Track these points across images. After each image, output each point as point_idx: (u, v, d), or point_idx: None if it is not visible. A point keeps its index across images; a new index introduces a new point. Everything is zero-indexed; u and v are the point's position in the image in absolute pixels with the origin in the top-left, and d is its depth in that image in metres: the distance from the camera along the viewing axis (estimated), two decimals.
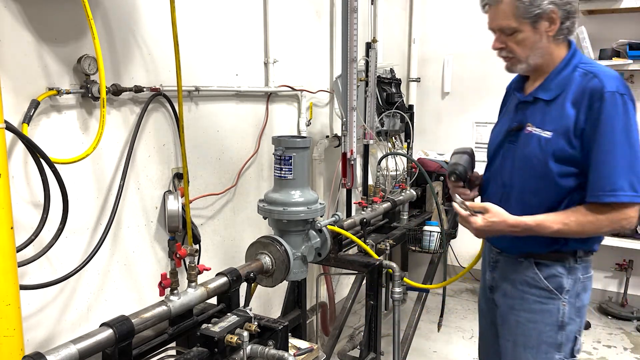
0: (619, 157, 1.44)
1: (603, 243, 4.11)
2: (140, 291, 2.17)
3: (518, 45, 1.54)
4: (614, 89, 1.44)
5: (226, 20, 2.51)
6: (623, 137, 1.43)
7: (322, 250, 1.87)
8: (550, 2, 1.47)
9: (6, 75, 1.61)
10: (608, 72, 1.50)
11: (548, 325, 1.59)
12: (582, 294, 1.62)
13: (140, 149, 2.11)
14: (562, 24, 1.51)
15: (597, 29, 3.81)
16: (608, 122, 1.43)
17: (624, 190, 1.43)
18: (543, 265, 1.60)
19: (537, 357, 1.61)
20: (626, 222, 1.47)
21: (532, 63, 1.57)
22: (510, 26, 1.52)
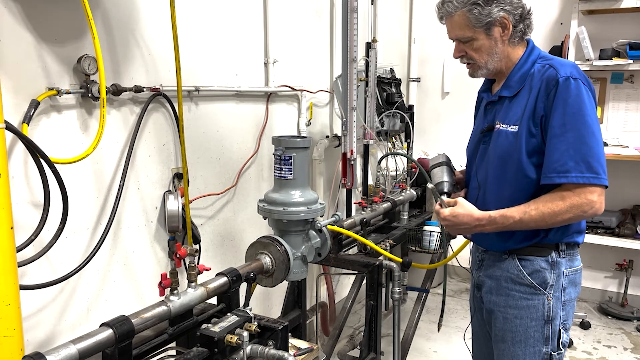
0: (570, 138, 1.46)
1: (603, 243, 4.13)
2: (140, 291, 2.17)
3: (476, 52, 1.62)
4: (567, 74, 1.49)
5: (226, 20, 2.51)
6: (576, 119, 1.46)
7: (322, 250, 1.87)
8: (500, 9, 1.56)
9: (6, 75, 1.61)
10: (563, 61, 1.56)
11: (534, 320, 1.61)
12: (569, 288, 1.62)
13: (140, 149, 2.11)
14: (515, 28, 1.60)
15: (597, 29, 3.81)
16: (560, 105, 1.48)
17: (575, 172, 1.44)
18: (526, 261, 1.62)
19: (525, 351, 1.63)
20: (587, 206, 1.46)
21: (491, 67, 1.64)
22: (465, 35, 1.61)
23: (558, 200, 1.47)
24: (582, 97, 1.47)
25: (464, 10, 1.57)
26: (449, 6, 1.60)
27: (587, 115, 1.46)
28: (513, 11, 1.57)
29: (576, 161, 1.44)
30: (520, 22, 1.60)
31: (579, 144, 1.45)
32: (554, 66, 1.53)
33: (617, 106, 3.92)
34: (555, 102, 1.48)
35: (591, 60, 3.70)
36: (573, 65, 1.54)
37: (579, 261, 1.65)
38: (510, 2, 1.57)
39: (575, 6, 3.69)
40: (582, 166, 1.44)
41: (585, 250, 4.06)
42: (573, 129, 1.46)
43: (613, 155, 3.60)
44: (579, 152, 1.45)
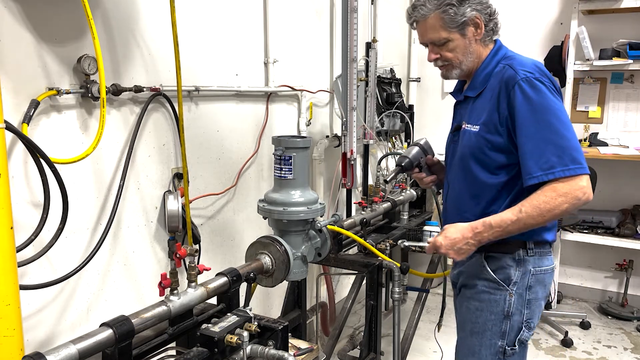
0: (547, 135, 1.47)
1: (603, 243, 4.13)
2: (140, 291, 2.17)
3: (452, 52, 1.64)
4: (526, 74, 1.51)
5: (226, 20, 2.51)
6: (546, 116, 1.48)
7: (322, 250, 1.87)
8: (473, 9, 1.59)
9: (6, 75, 1.61)
10: (523, 61, 1.58)
11: (493, 314, 1.64)
12: (535, 287, 1.63)
13: (140, 149, 2.11)
14: (487, 26, 1.64)
15: (597, 29, 3.81)
16: (525, 105, 1.49)
17: (560, 166, 1.46)
18: (492, 258, 1.65)
19: (481, 342, 1.66)
20: (580, 192, 1.48)
21: (465, 68, 1.67)
22: (441, 37, 1.62)
23: (551, 193, 1.47)
24: (545, 94, 1.49)
25: (438, 12, 1.58)
26: (422, 9, 1.61)
27: (557, 110, 1.49)
28: (483, 10, 1.61)
29: (559, 155, 1.46)
30: (490, 20, 1.65)
31: (557, 139, 1.47)
32: (514, 66, 1.55)
33: (617, 106, 3.92)
34: (519, 103, 1.50)
35: (591, 60, 3.70)
36: (534, 64, 1.56)
37: (549, 261, 1.66)
38: (479, 2, 1.60)
39: (575, 6, 3.69)
40: (565, 159, 1.46)
41: (585, 250, 4.06)
42: (546, 126, 1.48)
43: (613, 155, 3.60)
44: (559, 146, 1.46)
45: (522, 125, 1.50)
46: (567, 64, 3.76)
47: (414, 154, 1.89)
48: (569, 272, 4.19)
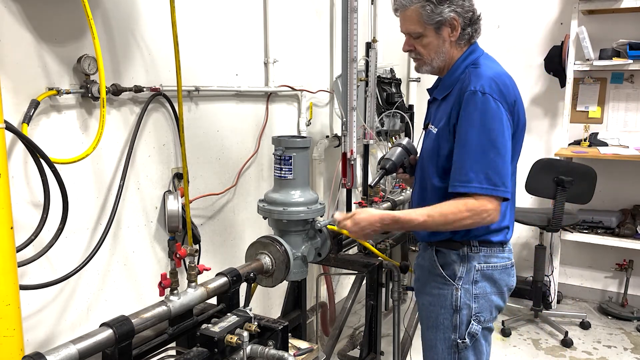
0: (473, 150, 1.51)
1: (603, 243, 4.13)
2: (140, 291, 2.17)
3: (424, 48, 1.66)
4: (477, 87, 1.53)
5: (226, 20, 2.51)
6: (479, 133, 1.51)
7: (322, 250, 1.87)
8: (452, 10, 1.58)
9: (6, 75, 1.61)
10: (481, 72, 1.58)
11: (443, 308, 1.68)
12: (482, 282, 1.65)
13: (140, 149, 2.11)
14: (464, 30, 1.63)
15: (597, 29, 3.81)
16: (466, 117, 1.53)
17: (475, 182, 1.51)
18: (441, 253, 1.69)
19: (437, 336, 1.70)
20: (485, 214, 1.52)
21: (435, 65, 1.69)
22: (416, 31, 1.64)
23: (461, 206, 1.52)
24: (488, 112, 1.51)
25: (417, 5, 1.59)
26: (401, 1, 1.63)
27: (491, 130, 1.51)
28: (463, 14, 1.60)
29: (476, 172, 1.50)
30: (469, 25, 1.63)
31: (480, 157, 1.51)
32: (471, 77, 1.57)
33: (617, 106, 3.92)
34: (463, 114, 1.54)
35: (591, 60, 3.70)
36: (491, 78, 1.56)
37: (500, 259, 1.67)
38: (461, 5, 1.60)
39: (575, 6, 3.69)
40: (481, 177, 1.50)
41: (585, 250, 4.06)
42: (476, 142, 1.51)
43: (613, 155, 3.60)
44: (480, 164, 1.51)
45: (458, 135, 1.55)
46: (567, 64, 3.76)
47: (397, 156, 1.87)
48: (569, 272, 4.19)
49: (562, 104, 3.93)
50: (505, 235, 1.68)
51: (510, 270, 1.71)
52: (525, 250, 4.33)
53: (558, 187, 3.33)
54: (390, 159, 1.86)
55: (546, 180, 3.43)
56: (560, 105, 4.01)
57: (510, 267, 1.71)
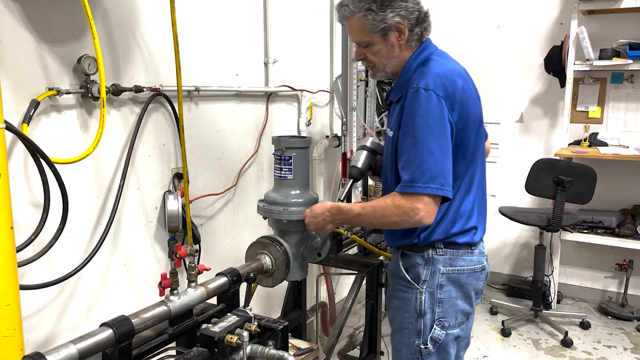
0: (407, 147, 1.50)
1: (603, 243, 4.13)
2: (140, 291, 2.17)
3: (374, 56, 1.62)
4: (420, 85, 1.50)
5: (226, 21, 2.51)
6: (416, 130, 1.48)
7: (322, 250, 1.87)
8: (395, 15, 1.54)
9: (6, 75, 1.61)
10: (429, 70, 1.54)
11: (408, 312, 1.65)
12: (447, 286, 1.62)
13: (140, 149, 2.11)
14: (412, 31, 1.59)
15: (597, 29, 3.81)
16: (407, 114, 1.51)
17: (405, 180, 1.49)
18: (406, 256, 1.67)
19: (402, 340, 1.68)
20: (412, 212, 1.48)
21: (389, 71, 1.65)
22: (363, 40, 1.61)
23: (389, 202, 1.51)
24: (428, 108, 1.47)
25: (359, 15, 1.56)
26: (345, 10, 1.59)
27: (429, 126, 1.47)
28: (408, 16, 1.56)
29: (406, 170, 1.49)
30: (416, 25, 1.60)
31: (413, 154, 1.48)
32: (416, 76, 1.54)
33: (617, 106, 3.92)
34: (405, 114, 1.52)
35: (591, 60, 3.70)
36: (437, 75, 1.52)
37: (468, 262, 1.63)
38: (405, 7, 1.55)
39: (575, 6, 3.69)
40: (412, 175, 1.47)
41: (585, 250, 4.06)
42: (411, 139, 1.49)
43: (613, 156, 3.60)
44: (412, 161, 1.48)
45: (400, 131, 1.53)
46: (567, 64, 3.76)
47: (363, 162, 1.82)
48: (568, 272, 4.19)
49: (562, 104, 3.93)
50: (472, 236, 1.63)
51: (479, 274, 1.66)
52: (525, 250, 4.33)
53: (558, 187, 3.33)
54: (356, 166, 1.82)
55: (546, 180, 3.43)
56: (560, 105, 4.01)
57: (479, 270, 1.66)
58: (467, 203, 1.60)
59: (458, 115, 1.52)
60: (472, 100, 1.58)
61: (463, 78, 1.58)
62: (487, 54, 4.25)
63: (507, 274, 4.42)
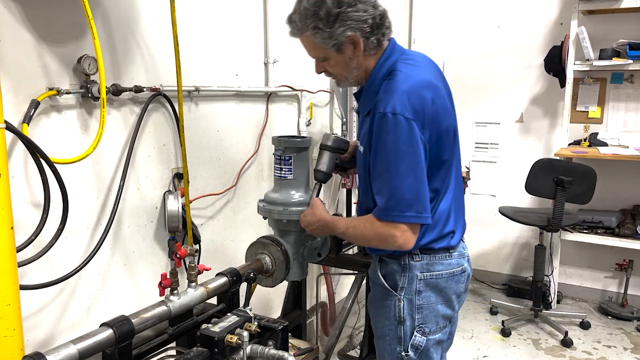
0: (380, 175, 1.47)
1: (603, 243, 4.14)
2: (140, 291, 2.17)
3: (334, 68, 1.58)
4: (387, 109, 1.42)
5: (226, 21, 2.51)
6: (387, 157, 1.44)
7: (322, 251, 1.87)
8: (345, 29, 1.46)
9: (6, 75, 1.61)
10: (394, 87, 1.45)
11: (388, 320, 1.64)
12: (426, 292, 1.59)
13: (140, 149, 2.11)
14: (368, 40, 1.50)
15: (597, 29, 3.81)
16: (376, 140, 1.46)
17: (380, 208, 1.47)
18: (383, 263, 1.65)
19: (384, 347, 1.67)
20: (391, 239, 1.47)
21: (352, 80, 1.61)
22: (318, 56, 1.57)
23: (369, 227, 1.50)
24: (397, 134, 1.41)
25: (308, 33, 1.49)
26: (294, 27, 1.53)
27: (400, 152, 1.42)
28: (361, 26, 1.46)
29: (380, 197, 1.46)
30: (372, 33, 1.49)
31: (386, 182, 1.45)
32: (382, 96, 1.46)
33: (617, 106, 3.92)
34: (375, 137, 1.47)
35: (591, 60, 3.70)
36: (403, 93, 1.43)
37: (446, 266, 1.60)
38: (355, 18, 1.45)
39: (575, 6, 3.69)
40: (386, 203, 1.46)
41: (585, 250, 4.06)
42: (383, 165, 1.46)
43: (613, 156, 3.60)
44: (385, 189, 1.46)
45: (372, 156, 1.49)
46: (567, 64, 3.77)
47: (328, 164, 1.77)
48: (568, 272, 4.19)
49: (562, 104, 3.93)
50: (449, 240, 1.60)
51: (459, 277, 1.64)
52: (525, 250, 4.33)
53: (558, 187, 3.33)
54: (321, 170, 1.77)
55: (546, 180, 3.43)
56: (560, 106, 4.01)
57: (459, 273, 1.63)
58: (442, 208, 1.57)
59: (430, 131, 1.46)
60: (444, 111, 1.51)
61: (433, 88, 1.49)
62: (487, 54, 4.25)
63: (507, 274, 4.42)
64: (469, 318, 3.80)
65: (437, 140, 1.50)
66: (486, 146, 4.38)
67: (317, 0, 1.45)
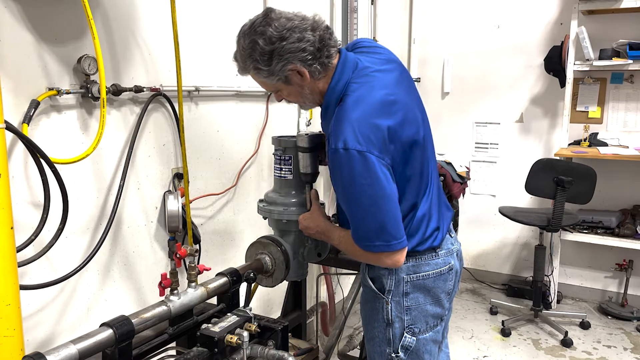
0: (355, 212, 1.46)
1: (603, 243, 4.13)
2: (140, 291, 2.17)
3: (289, 97, 1.57)
4: (338, 145, 1.39)
5: (226, 21, 2.51)
6: (354, 193, 1.43)
7: (322, 251, 1.87)
8: (285, 63, 1.43)
9: (6, 75, 1.61)
10: (344, 116, 1.41)
11: (377, 322, 1.64)
12: (413, 294, 1.59)
13: (140, 149, 2.11)
14: (312, 66, 1.46)
15: (597, 29, 3.81)
16: (337, 179, 1.45)
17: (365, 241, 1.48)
18: (371, 267, 1.64)
19: (374, 348, 1.68)
20: (384, 264, 1.53)
21: (310, 103, 1.59)
22: (269, 90, 1.59)
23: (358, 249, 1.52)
24: (352, 168, 1.38)
25: (252, 73, 1.50)
26: (239, 66, 1.53)
27: (357, 185, 1.40)
28: (300, 56, 1.43)
29: (365, 232, 1.47)
30: (314, 59, 1.45)
31: (351, 217, 1.48)
32: (332, 129, 1.43)
33: (617, 106, 3.92)
34: (332, 174, 1.46)
35: (591, 60, 3.70)
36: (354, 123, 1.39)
37: (432, 266, 1.60)
38: (293, 50, 1.42)
39: (575, 6, 3.69)
40: (356, 234, 1.49)
41: (585, 250, 4.06)
42: (345, 201, 1.48)
43: (613, 156, 3.60)
44: (352, 221, 1.48)
45: (337, 194, 1.51)
46: (567, 64, 3.77)
47: (311, 164, 1.73)
48: (568, 272, 4.19)
49: (562, 104, 3.93)
50: (433, 240, 1.59)
51: (446, 276, 1.63)
52: (525, 250, 4.33)
53: (558, 187, 3.33)
54: (307, 173, 1.75)
55: (546, 180, 3.43)
56: (560, 105, 4.01)
57: (447, 272, 1.63)
58: (422, 213, 1.56)
59: (393, 151, 1.44)
60: (404, 123, 1.46)
61: (386, 105, 1.44)
62: (487, 53, 4.25)
63: (507, 274, 4.42)
64: (469, 318, 3.80)
65: (404, 152, 1.48)
66: (486, 146, 4.38)
67: (250, 41, 1.44)
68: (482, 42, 4.26)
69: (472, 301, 4.10)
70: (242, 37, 1.48)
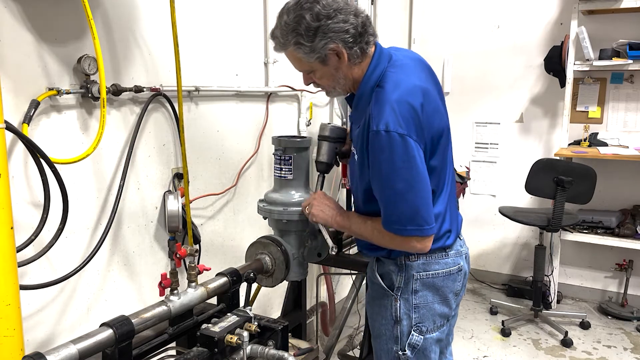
0: (390, 195, 1.46)
1: (603, 243, 4.14)
2: (140, 291, 2.17)
3: (321, 80, 1.57)
4: (379, 127, 1.41)
5: (226, 21, 2.51)
6: (391, 176, 1.43)
7: (322, 251, 1.87)
8: (327, 41, 1.45)
9: (6, 75, 1.61)
10: (384, 99, 1.44)
11: (385, 319, 1.64)
12: (423, 292, 1.60)
13: (140, 149, 2.12)
14: (352, 49, 1.48)
15: (597, 29, 3.81)
16: (376, 162, 1.45)
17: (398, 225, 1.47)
18: (381, 263, 1.66)
19: (381, 346, 1.68)
20: (413, 249, 1.53)
21: (341, 90, 1.59)
22: (303, 69, 1.56)
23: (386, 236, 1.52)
24: (392, 150, 1.41)
25: (292, 48, 1.49)
26: (277, 42, 1.53)
27: (396, 169, 1.42)
28: (343, 37, 1.45)
29: (398, 216, 1.47)
30: (355, 43, 1.48)
31: (385, 199, 1.48)
32: (373, 111, 1.44)
33: (617, 106, 3.92)
34: (371, 157, 1.46)
35: (591, 60, 3.70)
36: (394, 104, 1.42)
37: (442, 265, 1.61)
38: (337, 29, 1.44)
39: (575, 6, 3.69)
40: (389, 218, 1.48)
41: (585, 250, 4.06)
42: (381, 184, 1.47)
43: (613, 156, 3.60)
44: (386, 205, 1.48)
45: (373, 178, 1.49)
46: (567, 64, 3.77)
47: (329, 154, 1.75)
48: (568, 272, 4.19)
49: (562, 104, 3.94)
50: (445, 240, 1.60)
51: (455, 276, 1.64)
52: (525, 250, 4.33)
53: (558, 187, 3.33)
54: (322, 162, 1.76)
55: (546, 180, 3.43)
56: (560, 105, 4.01)
57: (456, 272, 1.64)
58: (438, 210, 1.57)
59: (425, 138, 1.47)
60: (435, 113, 1.51)
61: (422, 92, 1.48)
62: (487, 53, 4.25)
63: (507, 274, 4.42)
64: (469, 318, 3.80)
65: (433, 144, 1.51)
66: (486, 146, 4.38)
67: (296, 16, 1.44)
68: (482, 42, 4.26)
69: (472, 301, 4.10)
70: (285, 13, 1.48)
